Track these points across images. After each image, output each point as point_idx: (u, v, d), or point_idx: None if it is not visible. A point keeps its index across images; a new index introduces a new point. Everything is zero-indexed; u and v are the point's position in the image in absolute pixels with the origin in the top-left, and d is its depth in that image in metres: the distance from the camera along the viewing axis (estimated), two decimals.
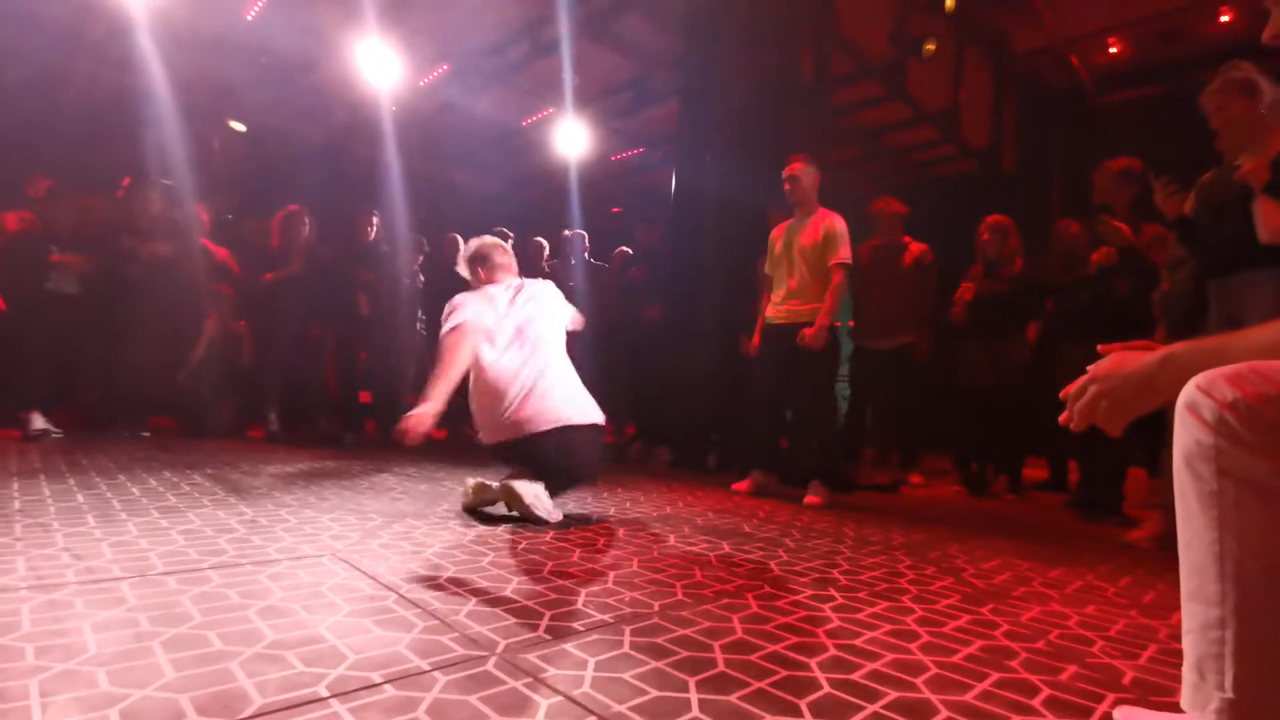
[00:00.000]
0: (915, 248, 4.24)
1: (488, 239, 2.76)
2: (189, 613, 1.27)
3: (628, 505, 2.78)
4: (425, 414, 2.12)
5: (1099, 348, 0.91)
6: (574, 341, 4.69)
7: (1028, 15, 6.21)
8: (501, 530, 2.16)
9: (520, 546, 1.96)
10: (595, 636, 1.28)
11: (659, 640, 1.28)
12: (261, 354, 4.61)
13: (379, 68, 5.10)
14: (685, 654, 1.21)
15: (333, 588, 1.47)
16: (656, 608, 1.47)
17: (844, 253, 3.18)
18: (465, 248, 2.75)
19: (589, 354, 4.81)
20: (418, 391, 5.33)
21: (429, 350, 5.17)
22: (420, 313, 5.06)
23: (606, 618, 1.39)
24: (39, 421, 3.80)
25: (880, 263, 4.25)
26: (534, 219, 6.74)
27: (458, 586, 1.54)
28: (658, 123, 6.81)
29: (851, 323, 4.44)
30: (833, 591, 1.67)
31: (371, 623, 1.28)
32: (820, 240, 3.22)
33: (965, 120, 6.92)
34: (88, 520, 1.93)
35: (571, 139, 6.49)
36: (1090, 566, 2.18)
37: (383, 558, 1.74)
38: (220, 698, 0.96)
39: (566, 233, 5.07)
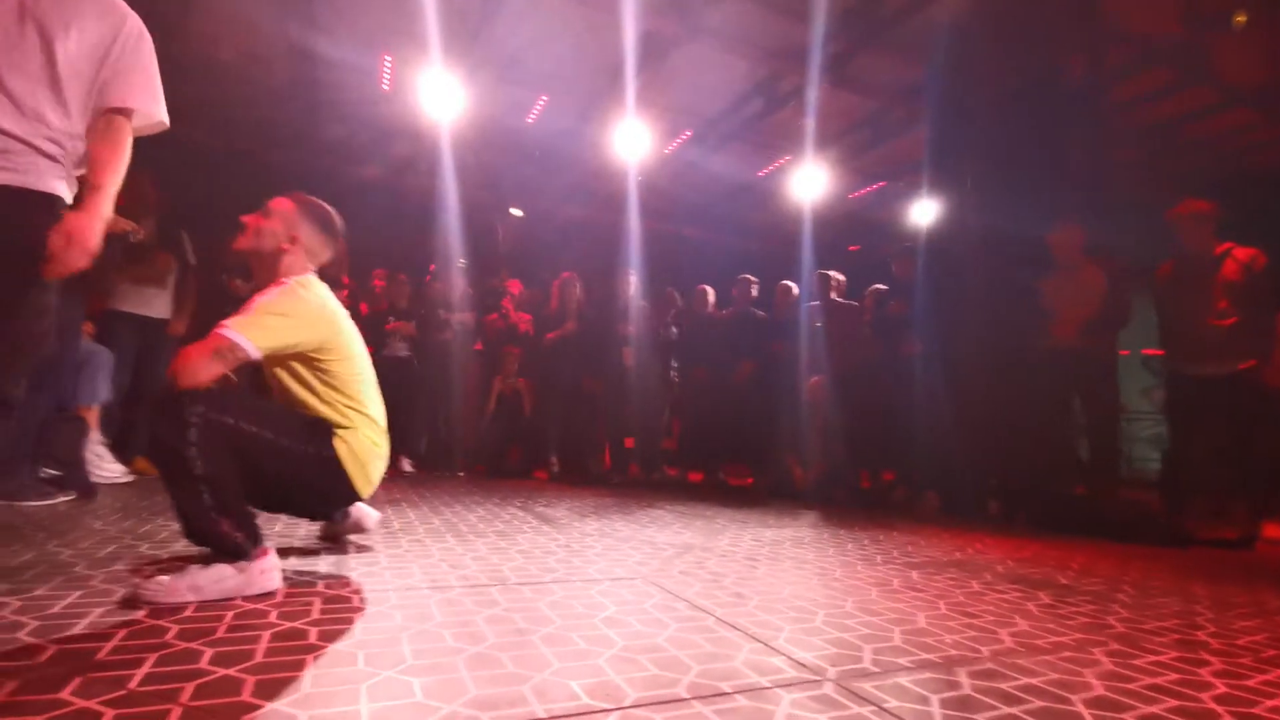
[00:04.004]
0: (1241, 253, 3.51)
1: None
2: (549, 616, 1.49)
3: (909, 549, 2.63)
4: None
5: None
6: (835, 379, 4.64)
7: None
8: (788, 565, 2.18)
9: (813, 582, 1.96)
10: (927, 674, 1.24)
11: (1002, 686, 1.19)
12: (542, 405, 5.25)
13: (632, 144, 5.68)
14: (1040, 703, 1.12)
15: (654, 606, 1.61)
16: (986, 653, 1.38)
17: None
18: None
19: (839, 395, 4.72)
20: (671, 435, 5.60)
21: (680, 397, 5.48)
22: (673, 361, 5.39)
23: (932, 657, 1.33)
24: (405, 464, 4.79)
25: (1191, 275, 3.58)
26: (771, 265, 6.85)
27: (766, 614, 1.59)
28: (899, 155, 6.58)
29: (1153, 350, 3.79)
30: (1205, 655, 1.42)
31: (701, 639, 1.38)
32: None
33: None
34: (447, 539, 2.35)
35: (808, 183, 6.55)
36: None
37: (687, 583, 1.86)
38: (602, 687, 1.11)
39: (821, 273, 5.08)
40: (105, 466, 3.18)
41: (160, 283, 3.64)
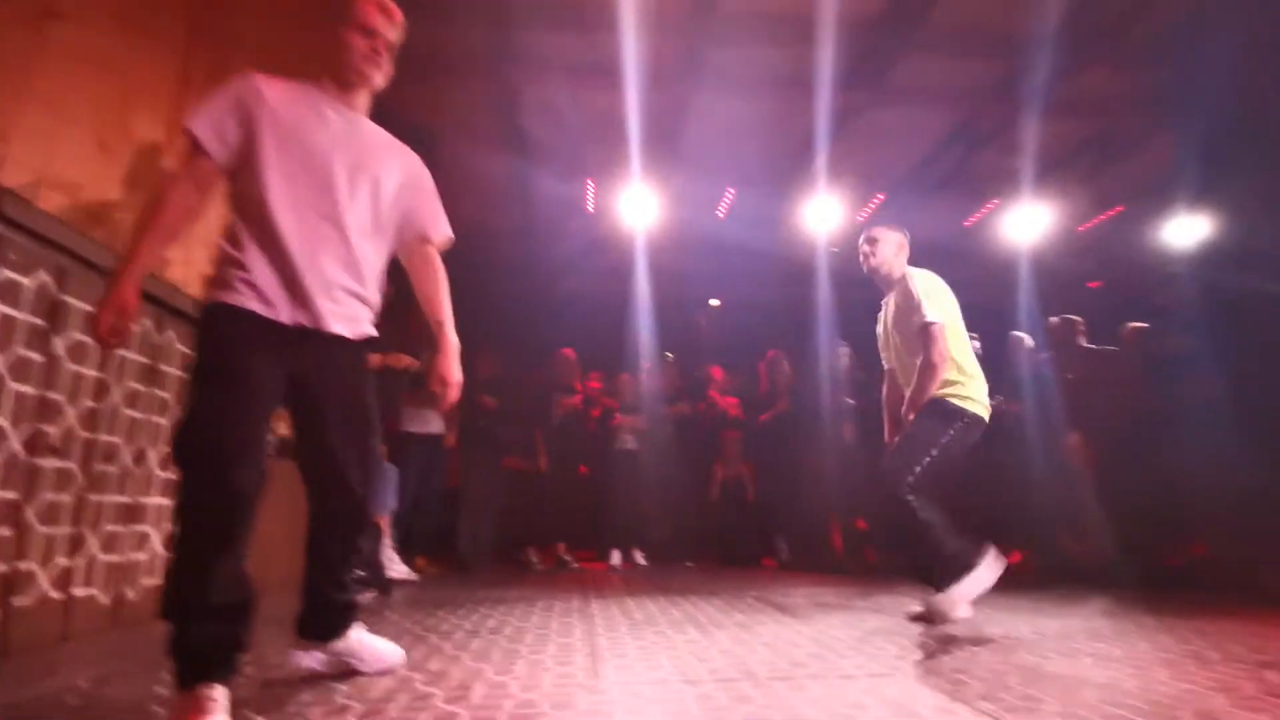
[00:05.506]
0: None
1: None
2: (810, 716, 1.39)
3: (1255, 643, 2.09)
4: None
5: None
6: (1100, 437, 4.01)
7: None
8: (1089, 662, 1.84)
9: (1128, 685, 1.63)
10: None
11: None
12: (764, 488, 5.14)
13: (822, 220, 5.66)
14: None
15: (930, 709, 1.44)
16: None
17: None
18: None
19: (1112, 452, 4.02)
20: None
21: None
22: None
23: None
24: (616, 558, 4.91)
25: None
26: (987, 319, 6.23)
27: None
28: (1135, 173, 5.76)
29: None
30: None
31: None
32: None
33: None
34: (688, 630, 2.34)
35: (1025, 224, 5.98)
36: None
37: (962, 683, 1.64)
38: None
39: (1055, 320, 4.52)
40: (395, 566, 3.68)
41: (436, 404, 4.25)
